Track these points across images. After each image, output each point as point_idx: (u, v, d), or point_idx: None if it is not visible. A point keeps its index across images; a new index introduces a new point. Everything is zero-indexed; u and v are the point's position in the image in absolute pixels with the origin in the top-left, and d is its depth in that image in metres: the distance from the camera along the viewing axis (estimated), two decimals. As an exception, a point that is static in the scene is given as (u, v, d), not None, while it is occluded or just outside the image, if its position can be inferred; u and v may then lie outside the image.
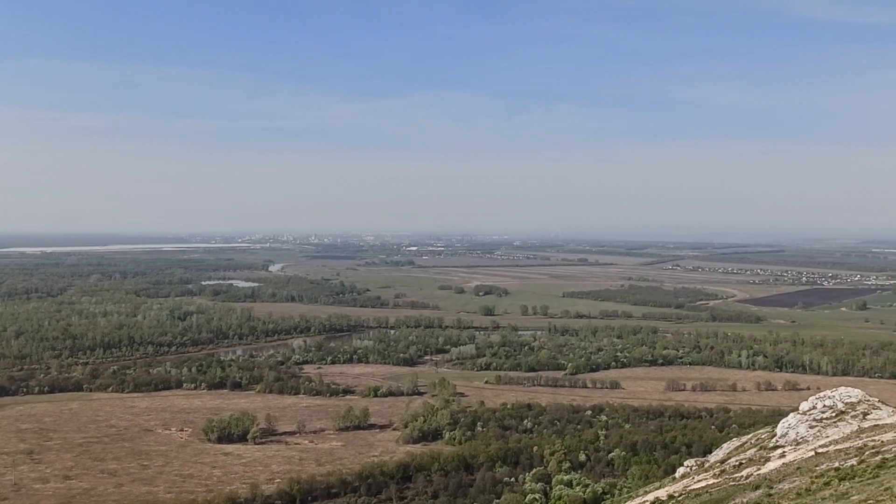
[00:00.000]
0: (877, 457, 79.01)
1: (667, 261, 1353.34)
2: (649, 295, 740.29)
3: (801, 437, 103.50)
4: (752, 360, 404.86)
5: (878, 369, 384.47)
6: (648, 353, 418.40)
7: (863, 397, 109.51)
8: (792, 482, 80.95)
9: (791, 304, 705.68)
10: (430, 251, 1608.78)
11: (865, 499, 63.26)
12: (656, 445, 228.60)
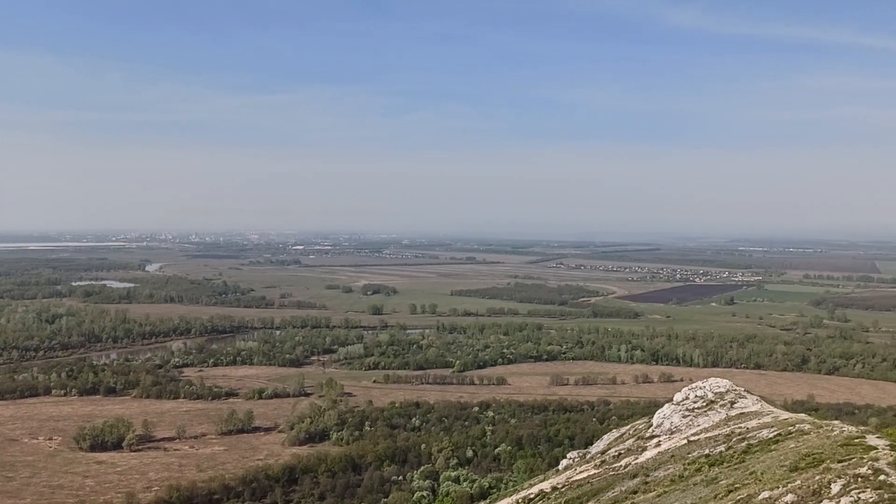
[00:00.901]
0: (742, 443, 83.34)
1: (551, 259, 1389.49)
2: (534, 292, 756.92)
3: (675, 427, 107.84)
4: (631, 354, 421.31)
5: (743, 360, 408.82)
6: (534, 349, 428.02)
7: (730, 387, 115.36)
8: (667, 469, 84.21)
9: (666, 299, 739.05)
10: (317, 250, 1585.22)
11: (733, 483, 66.41)
12: (541, 439, 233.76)
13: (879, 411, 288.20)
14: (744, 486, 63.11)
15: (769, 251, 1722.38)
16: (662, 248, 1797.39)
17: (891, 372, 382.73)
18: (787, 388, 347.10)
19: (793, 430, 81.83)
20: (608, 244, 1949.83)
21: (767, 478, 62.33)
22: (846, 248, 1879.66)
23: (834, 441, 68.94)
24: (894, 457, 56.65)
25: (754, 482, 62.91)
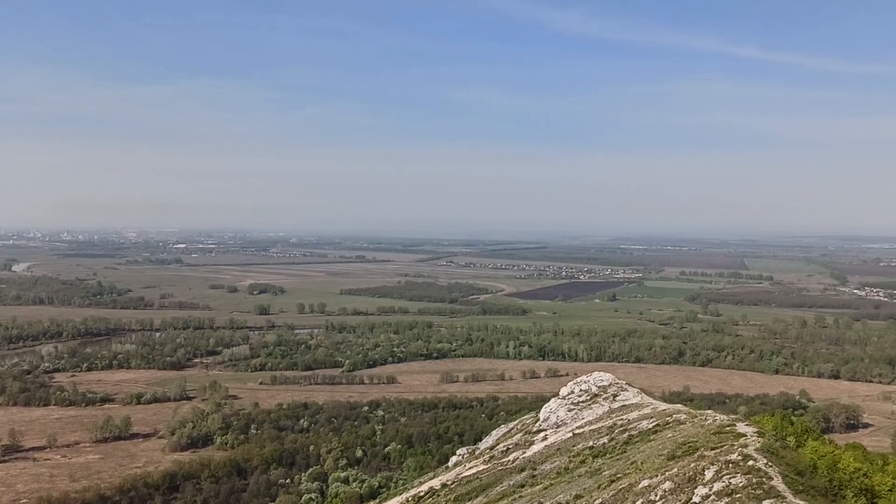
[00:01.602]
0: (624, 434, 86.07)
1: (441, 257, 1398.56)
2: (425, 290, 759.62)
3: (561, 420, 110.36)
4: (519, 350, 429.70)
5: (625, 354, 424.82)
6: (424, 347, 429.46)
7: (613, 381, 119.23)
8: (553, 462, 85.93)
9: (553, 296, 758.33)
10: (201, 249, 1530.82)
11: (615, 473, 68.38)
12: (431, 437, 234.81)
13: (748, 400, 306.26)
14: (625, 475, 65.05)
15: (648, 249, 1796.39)
16: (549, 246, 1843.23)
17: (758, 363, 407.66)
18: (665, 380, 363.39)
19: (670, 421, 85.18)
20: (497, 243, 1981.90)
21: (647, 467, 64.45)
22: (718, 246, 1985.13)
23: (707, 430, 72.10)
24: (762, 443, 59.80)
25: (635, 471, 64.94)
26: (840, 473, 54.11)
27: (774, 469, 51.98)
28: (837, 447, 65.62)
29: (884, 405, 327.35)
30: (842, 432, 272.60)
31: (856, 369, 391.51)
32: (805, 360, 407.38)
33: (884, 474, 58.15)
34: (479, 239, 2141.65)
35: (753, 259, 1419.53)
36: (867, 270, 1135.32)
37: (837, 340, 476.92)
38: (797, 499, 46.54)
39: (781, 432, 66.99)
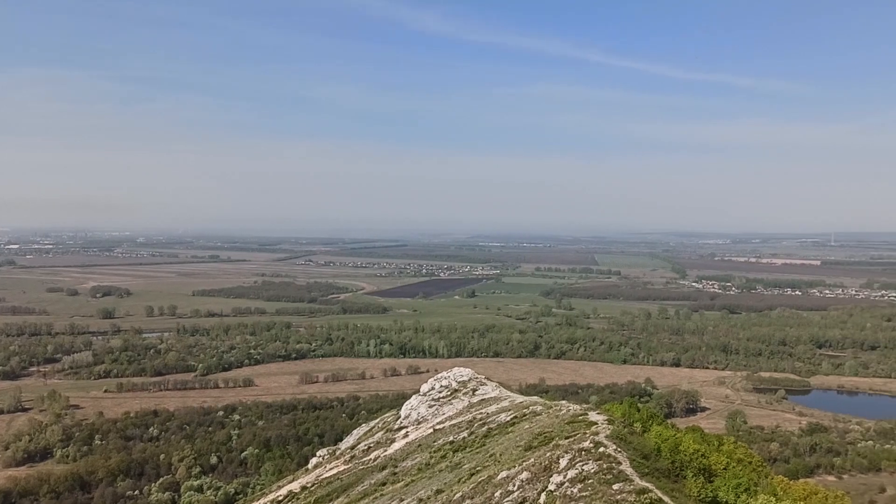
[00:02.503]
0: (484, 428, 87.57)
1: (300, 256, 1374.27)
2: (283, 290, 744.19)
3: (422, 417, 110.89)
4: (380, 348, 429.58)
5: (484, 349, 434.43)
6: (282, 348, 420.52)
7: (472, 376, 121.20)
8: (414, 459, 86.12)
9: (413, 294, 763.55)
10: (36, 249, 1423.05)
11: (475, 466, 69.37)
12: (290, 439, 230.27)
13: (599, 389, 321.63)
14: (485, 468, 66.10)
15: (506, 246, 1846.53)
16: (410, 244, 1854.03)
17: (608, 354, 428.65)
18: (522, 373, 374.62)
19: (527, 413, 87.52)
20: (357, 241, 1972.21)
21: (505, 458, 65.77)
22: (571, 243, 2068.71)
23: (562, 420, 74.55)
24: (611, 430, 62.50)
25: (494, 463, 66.12)
26: (681, 455, 57.38)
27: (623, 454, 54.41)
28: (679, 431, 69.63)
29: (719, 389, 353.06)
30: (682, 416, 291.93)
31: (694, 357, 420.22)
32: (650, 350, 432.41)
33: (719, 454, 62.32)
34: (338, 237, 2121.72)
35: (603, 255, 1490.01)
36: (704, 265, 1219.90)
37: (678, 330, 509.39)
38: (643, 481, 48.88)
39: (629, 419, 70.28)
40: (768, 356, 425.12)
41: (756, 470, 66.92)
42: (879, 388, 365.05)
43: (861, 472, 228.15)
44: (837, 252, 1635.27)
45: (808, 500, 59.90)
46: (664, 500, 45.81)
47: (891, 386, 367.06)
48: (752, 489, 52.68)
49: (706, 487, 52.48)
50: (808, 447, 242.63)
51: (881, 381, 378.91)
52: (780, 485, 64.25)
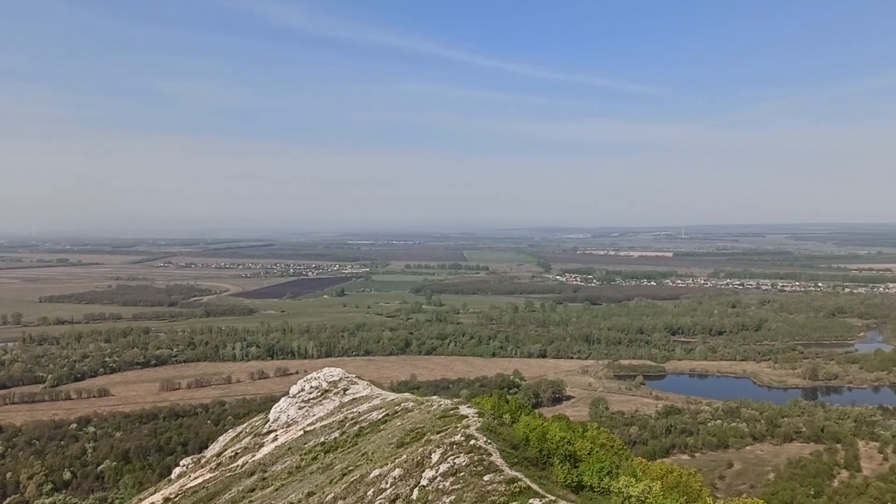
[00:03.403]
0: (355, 427, 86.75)
1: (159, 258, 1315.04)
2: (140, 294, 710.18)
3: (291, 419, 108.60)
4: (246, 351, 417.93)
5: (354, 348, 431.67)
6: (141, 354, 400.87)
7: (343, 375, 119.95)
8: (284, 462, 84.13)
9: (280, 294, 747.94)
10: None
11: (347, 466, 68.53)
12: (151, 449, 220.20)
13: (469, 383, 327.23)
14: (357, 467, 65.41)
15: (376, 244, 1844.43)
16: (276, 243, 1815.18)
17: (477, 348, 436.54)
18: (393, 370, 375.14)
19: (399, 410, 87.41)
20: (220, 241, 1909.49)
21: (378, 456, 65.36)
22: (440, 239, 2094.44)
23: (433, 415, 74.91)
24: (482, 422, 63.38)
25: (366, 462, 65.55)
26: (548, 443, 58.93)
27: (493, 446, 55.24)
28: (546, 420, 71.63)
29: (583, 378, 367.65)
30: (549, 405, 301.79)
31: (559, 348, 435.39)
32: (518, 343, 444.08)
33: (584, 440, 64.55)
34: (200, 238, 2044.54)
35: (472, 251, 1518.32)
36: (567, 258, 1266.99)
37: (544, 323, 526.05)
38: (513, 470, 49.83)
39: (499, 411, 71.53)
40: (627, 344, 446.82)
41: (618, 453, 69.90)
42: (726, 370, 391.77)
43: (711, 450, 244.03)
44: (688, 244, 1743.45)
45: (664, 479, 63.07)
46: (532, 487, 46.85)
47: (736, 368, 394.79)
48: (614, 472, 54.82)
49: (572, 473, 54.09)
50: (664, 429, 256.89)
51: (728, 363, 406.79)
52: (639, 466, 67.34)
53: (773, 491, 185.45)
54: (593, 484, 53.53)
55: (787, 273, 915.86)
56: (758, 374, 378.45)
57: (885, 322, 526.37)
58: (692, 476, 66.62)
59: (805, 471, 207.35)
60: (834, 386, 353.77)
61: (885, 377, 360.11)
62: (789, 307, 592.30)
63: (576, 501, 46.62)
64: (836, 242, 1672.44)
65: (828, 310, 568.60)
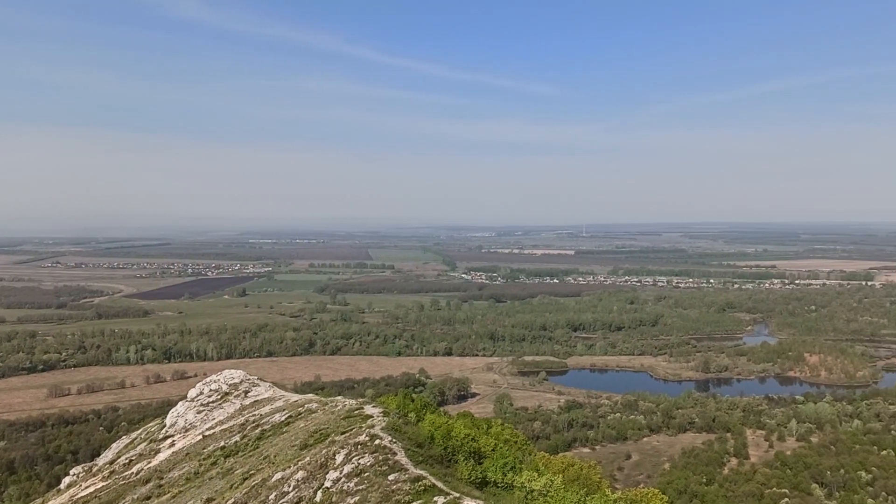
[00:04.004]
0: (257, 430, 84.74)
1: (46, 258, 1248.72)
2: (26, 296, 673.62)
3: (190, 424, 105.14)
4: (142, 354, 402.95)
5: (256, 349, 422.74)
6: (26, 359, 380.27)
7: (245, 377, 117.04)
8: (182, 469, 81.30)
9: (178, 295, 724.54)
10: None
11: (248, 470, 66.82)
12: (38, 459, 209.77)
13: (375, 383, 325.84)
14: (258, 471, 63.91)
15: (278, 243, 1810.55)
16: (173, 242, 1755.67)
17: (383, 347, 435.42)
18: (297, 371, 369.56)
19: (302, 411, 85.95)
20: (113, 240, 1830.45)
21: (280, 459, 64.10)
22: (345, 238, 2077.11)
23: (338, 416, 74.04)
24: (387, 422, 63.09)
25: (268, 466, 64.14)
26: (453, 441, 59.22)
27: (398, 445, 55.05)
28: (451, 417, 71.93)
29: (487, 375, 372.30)
30: (455, 403, 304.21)
31: (465, 346, 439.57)
32: (423, 341, 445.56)
33: (488, 437, 65.14)
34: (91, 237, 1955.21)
35: (377, 250, 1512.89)
36: (472, 256, 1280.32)
37: (449, 321, 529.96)
38: (418, 469, 49.78)
39: (404, 410, 71.36)
40: (531, 341, 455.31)
41: (521, 448, 70.89)
42: (625, 365, 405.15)
43: (611, 442, 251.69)
44: (588, 242, 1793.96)
45: (565, 473, 64.36)
46: (437, 485, 46.89)
47: (634, 362, 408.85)
48: (517, 467, 55.50)
49: (476, 469, 54.46)
50: (567, 423, 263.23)
51: (626, 358, 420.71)
52: (542, 460, 68.48)
53: (669, 480, 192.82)
54: (497, 480, 54.06)
55: (681, 270, 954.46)
56: (654, 367, 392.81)
57: (771, 316, 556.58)
58: (592, 468, 68.28)
59: (698, 459, 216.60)
60: (724, 378, 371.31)
61: (770, 368, 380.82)
62: (683, 303, 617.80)
63: (480, 498, 46.88)
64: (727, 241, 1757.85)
65: (719, 305, 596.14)
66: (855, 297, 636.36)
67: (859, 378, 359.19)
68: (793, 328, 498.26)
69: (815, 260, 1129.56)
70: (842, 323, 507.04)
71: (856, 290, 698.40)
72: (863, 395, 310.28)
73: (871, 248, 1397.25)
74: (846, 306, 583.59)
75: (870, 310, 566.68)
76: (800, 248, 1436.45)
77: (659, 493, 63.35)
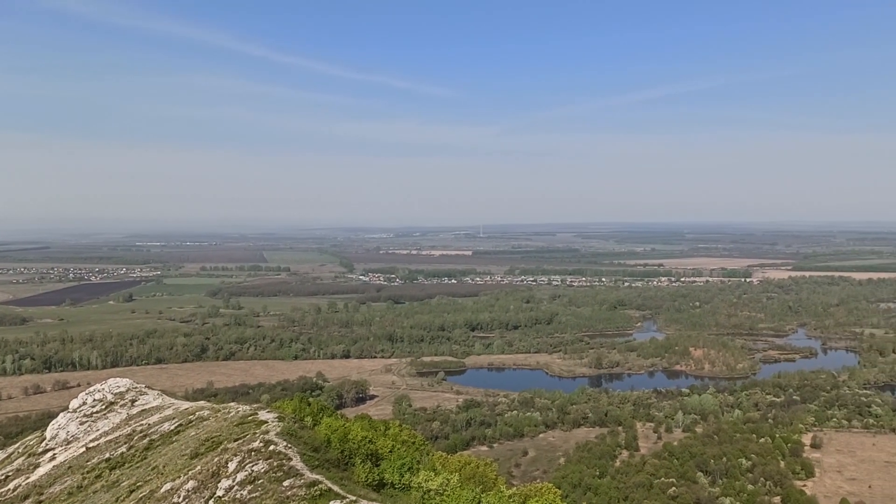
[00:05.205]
0: (145, 440, 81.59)
1: None
2: None
3: (72, 436, 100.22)
4: (19, 364, 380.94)
5: (144, 357, 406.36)
6: None
7: (131, 386, 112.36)
8: (64, 483, 77.49)
9: (59, 301, 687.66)
10: None
11: (135, 482, 64.28)
12: None
13: (270, 388, 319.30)
14: (146, 482, 61.65)
15: (167, 245, 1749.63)
16: (53, 246, 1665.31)
17: (279, 351, 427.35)
18: (188, 378, 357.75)
19: (193, 419, 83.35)
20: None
21: (169, 469, 62.08)
22: (238, 240, 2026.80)
23: (231, 422, 72.19)
24: (282, 427, 62.00)
25: (157, 476, 61.96)
26: (350, 444, 58.85)
27: (293, 450, 54.20)
28: (348, 420, 71.47)
29: (386, 377, 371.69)
30: (353, 406, 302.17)
31: (363, 348, 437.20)
32: (321, 344, 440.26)
33: (386, 438, 65.12)
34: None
35: (272, 252, 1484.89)
36: (370, 258, 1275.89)
37: (347, 323, 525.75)
38: (314, 473, 49.24)
39: (300, 414, 70.42)
40: (429, 341, 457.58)
41: (419, 449, 71.18)
42: (522, 363, 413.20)
43: (508, 440, 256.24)
44: (485, 243, 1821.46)
45: (462, 471, 65.10)
46: (333, 489, 46.55)
47: (530, 360, 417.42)
48: (414, 467, 55.75)
49: (373, 471, 54.36)
50: (465, 422, 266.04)
51: (523, 356, 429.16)
52: (439, 460, 69.00)
53: (564, 474, 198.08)
54: (394, 481, 54.14)
55: (575, 269, 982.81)
56: (550, 365, 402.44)
57: (659, 312, 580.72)
58: (488, 466, 69.35)
59: (591, 453, 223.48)
60: (616, 373, 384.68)
61: (658, 363, 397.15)
62: (577, 301, 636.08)
63: (377, 500, 46.84)
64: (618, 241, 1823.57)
65: (610, 303, 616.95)
66: (735, 294, 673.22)
67: (739, 370, 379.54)
68: (679, 324, 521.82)
69: (699, 258, 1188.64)
70: (723, 318, 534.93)
71: (736, 286, 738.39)
72: (742, 385, 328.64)
73: (749, 247, 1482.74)
74: (727, 302, 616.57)
75: (748, 305, 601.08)
76: (685, 247, 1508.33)
77: (553, 487, 64.92)
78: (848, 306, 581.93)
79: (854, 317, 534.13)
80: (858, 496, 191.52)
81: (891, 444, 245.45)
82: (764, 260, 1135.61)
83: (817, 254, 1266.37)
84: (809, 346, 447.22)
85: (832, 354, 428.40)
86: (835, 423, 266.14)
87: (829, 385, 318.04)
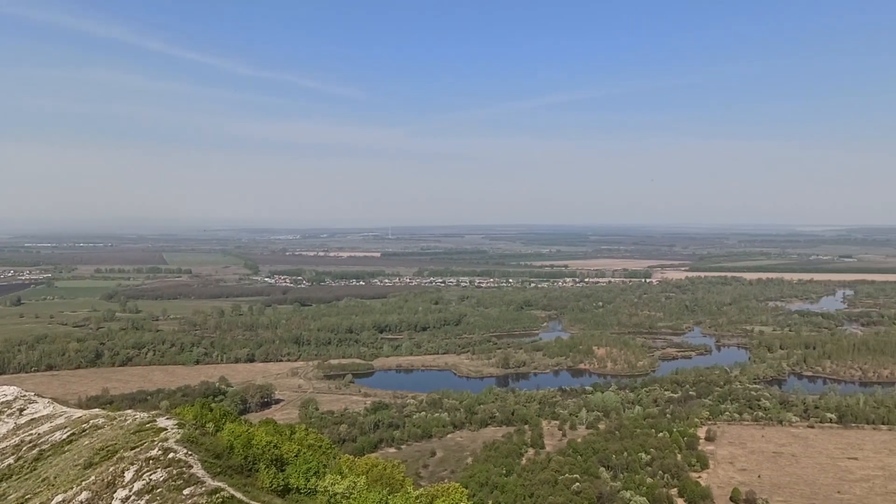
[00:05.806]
0: (34, 450, 77.56)
1: None
2: None
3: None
4: None
5: (34, 363, 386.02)
6: None
7: (19, 393, 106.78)
8: (-58, 501, 72.75)
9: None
10: None
11: (24, 494, 61.08)
12: None
13: (170, 394, 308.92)
14: (36, 495, 58.85)
15: (59, 247, 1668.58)
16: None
17: (179, 355, 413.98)
18: (81, 385, 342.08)
19: (87, 427, 79.81)
20: None
21: (61, 480, 59.49)
22: (136, 241, 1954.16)
23: (127, 430, 69.49)
24: (182, 434, 60.09)
25: (47, 488, 59.21)
26: (254, 449, 57.58)
27: (194, 457, 52.66)
28: (252, 425, 69.91)
29: (292, 380, 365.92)
30: (258, 411, 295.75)
31: (268, 351, 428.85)
32: (224, 348, 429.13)
33: (291, 443, 64.07)
34: None
35: (172, 253, 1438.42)
36: (276, 260, 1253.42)
37: (252, 326, 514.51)
38: (216, 480, 47.97)
39: (201, 420, 68.36)
40: (337, 344, 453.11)
41: (326, 452, 70.37)
42: (430, 364, 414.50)
43: (416, 441, 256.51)
44: (394, 244, 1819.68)
45: (369, 473, 64.70)
46: (236, 496, 45.49)
47: (439, 361, 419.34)
48: (321, 471, 55.08)
49: (278, 477, 53.43)
50: (373, 424, 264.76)
51: (431, 357, 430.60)
52: (346, 463, 68.36)
53: (471, 474, 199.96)
54: (300, 485, 53.36)
55: (483, 270, 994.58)
56: (458, 365, 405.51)
57: (563, 312, 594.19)
58: (395, 468, 69.14)
59: (498, 452, 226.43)
60: (523, 372, 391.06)
61: (563, 362, 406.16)
62: (485, 302, 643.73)
63: (281, 505, 46.03)
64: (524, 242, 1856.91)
65: (517, 303, 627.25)
66: (636, 294, 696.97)
67: (640, 367, 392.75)
68: (583, 323, 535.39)
69: (602, 259, 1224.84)
70: (625, 317, 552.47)
71: (636, 286, 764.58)
72: (643, 382, 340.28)
73: (649, 248, 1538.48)
74: (628, 302, 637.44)
75: (648, 304, 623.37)
76: (589, 249, 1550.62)
77: (460, 487, 65.39)
78: (739, 305, 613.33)
79: (745, 315, 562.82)
80: (749, 485, 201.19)
81: (778, 435, 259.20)
82: (663, 261, 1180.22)
83: (712, 255, 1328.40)
84: (704, 343, 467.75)
85: (725, 351, 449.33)
86: (727, 417, 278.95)
87: (723, 381, 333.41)
